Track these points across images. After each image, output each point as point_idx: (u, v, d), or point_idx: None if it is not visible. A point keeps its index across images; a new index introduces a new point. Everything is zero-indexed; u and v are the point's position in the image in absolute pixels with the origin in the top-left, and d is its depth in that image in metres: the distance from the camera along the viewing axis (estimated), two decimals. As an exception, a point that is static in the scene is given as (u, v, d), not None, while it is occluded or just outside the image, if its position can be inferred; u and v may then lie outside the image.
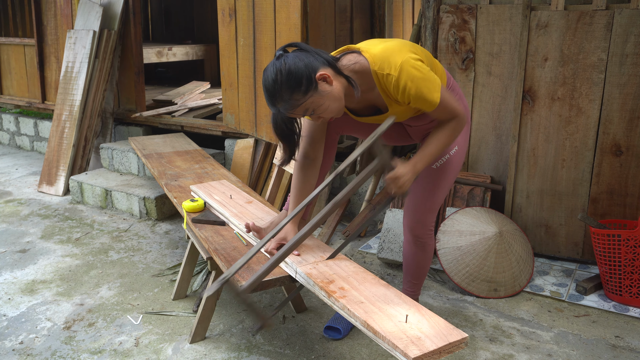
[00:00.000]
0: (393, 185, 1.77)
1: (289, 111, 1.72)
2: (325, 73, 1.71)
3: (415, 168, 1.80)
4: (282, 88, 1.68)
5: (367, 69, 1.79)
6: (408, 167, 1.78)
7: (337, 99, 1.75)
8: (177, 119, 4.56)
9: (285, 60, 1.69)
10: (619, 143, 2.81)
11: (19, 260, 3.10)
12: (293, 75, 1.67)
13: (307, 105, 1.71)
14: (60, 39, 5.08)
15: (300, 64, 1.68)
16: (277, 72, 1.68)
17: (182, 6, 7.59)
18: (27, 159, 5.36)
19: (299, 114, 1.74)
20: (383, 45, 1.80)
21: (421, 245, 2.18)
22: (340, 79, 1.77)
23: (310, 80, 1.68)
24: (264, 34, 3.53)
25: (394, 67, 1.73)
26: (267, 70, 1.71)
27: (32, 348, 2.28)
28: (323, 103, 1.73)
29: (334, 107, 1.76)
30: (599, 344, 2.29)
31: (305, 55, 1.71)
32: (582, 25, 2.78)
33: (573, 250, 3.01)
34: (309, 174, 2.05)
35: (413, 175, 1.80)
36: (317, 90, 1.70)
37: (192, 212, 2.44)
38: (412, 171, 1.79)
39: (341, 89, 1.77)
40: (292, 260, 1.85)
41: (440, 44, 3.19)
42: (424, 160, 1.82)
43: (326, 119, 1.82)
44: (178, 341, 2.32)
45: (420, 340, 1.40)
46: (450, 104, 1.81)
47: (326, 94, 1.72)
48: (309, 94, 1.69)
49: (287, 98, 1.69)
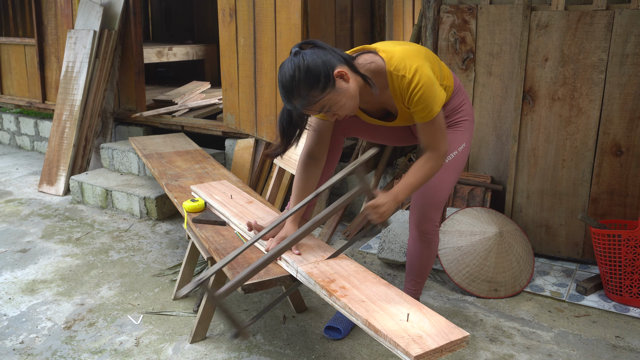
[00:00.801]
0: (374, 213, 1.79)
1: (305, 108, 1.72)
2: (343, 70, 1.71)
3: (397, 198, 1.83)
4: (300, 84, 1.67)
5: (383, 69, 1.81)
6: (389, 197, 1.81)
7: (353, 97, 1.76)
8: (178, 119, 4.57)
9: (303, 57, 1.68)
10: (619, 143, 2.81)
11: (20, 260, 3.10)
12: (311, 72, 1.67)
13: (324, 102, 1.72)
14: (60, 38, 5.08)
15: (319, 60, 1.68)
16: (295, 68, 1.67)
17: (183, 6, 7.59)
18: (28, 158, 5.36)
19: (315, 111, 1.74)
20: (401, 47, 1.83)
21: (427, 242, 2.19)
22: (356, 77, 1.78)
23: (328, 77, 1.68)
24: (265, 34, 3.53)
25: (409, 70, 1.76)
26: (284, 66, 1.71)
27: (33, 348, 2.28)
28: (339, 100, 1.73)
29: (350, 105, 1.77)
30: (599, 344, 2.30)
31: (322, 53, 1.72)
32: (582, 26, 2.78)
33: (573, 251, 3.01)
34: (311, 173, 2.06)
35: (395, 205, 1.82)
36: (335, 87, 1.70)
37: (192, 212, 2.44)
38: (394, 201, 1.82)
39: (357, 87, 1.78)
40: (293, 260, 1.85)
41: (440, 44, 3.19)
42: (404, 191, 1.85)
43: (341, 117, 1.82)
44: (178, 341, 2.32)
45: (421, 338, 1.41)
46: (441, 130, 1.85)
47: (343, 92, 1.73)
48: (326, 91, 1.69)
49: (304, 94, 1.69)
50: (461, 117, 2.07)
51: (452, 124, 2.06)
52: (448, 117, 2.05)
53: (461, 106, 2.07)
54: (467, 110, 2.08)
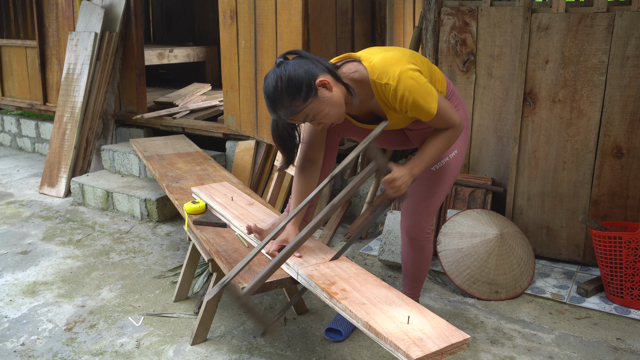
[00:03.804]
0: (390, 187, 1.80)
1: (289, 117, 1.74)
2: (325, 79, 1.73)
3: (412, 171, 1.83)
4: (282, 95, 1.70)
5: (366, 78, 1.81)
6: (405, 170, 1.81)
7: (337, 105, 1.77)
8: (178, 121, 4.57)
9: (285, 68, 1.71)
10: (620, 145, 2.81)
11: (21, 262, 3.11)
12: (293, 82, 1.69)
13: (307, 112, 1.73)
14: (61, 40, 5.09)
15: (300, 70, 1.70)
16: (277, 79, 1.70)
17: (184, 8, 7.60)
18: (29, 160, 5.37)
19: (300, 120, 1.76)
20: (382, 54, 1.82)
21: (418, 249, 2.19)
22: (340, 86, 1.79)
23: (310, 86, 1.70)
24: (265, 36, 3.53)
25: (392, 77, 1.76)
26: (268, 77, 1.74)
27: (34, 349, 2.28)
28: (323, 109, 1.74)
29: (334, 113, 1.78)
30: (600, 346, 2.29)
31: (305, 62, 1.74)
32: (583, 28, 2.79)
33: (574, 253, 3.01)
34: (309, 176, 2.06)
35: (410, 178, 1.82)
36: (317, 96, 1.72)
37: (193, 214, 2.44)
38: (409, 174, 1.82)
39: (341, 95, 1.79)
40: (293, 262, 1.85)
41: (441, 46, 3.19)
42: (420, 164, 1.85)
43: (327, 125, 1.83)
44: (179, 343, 2.32)
45: (422, 341, 1.41)
46: (448, 114, 1.84)
47: (326, 100, 1.74)
48: (309, 101, 1.71)
49: (287, 104, 1.71)
50: None
51: None
52: None
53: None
54: (460, 115, 2.07)
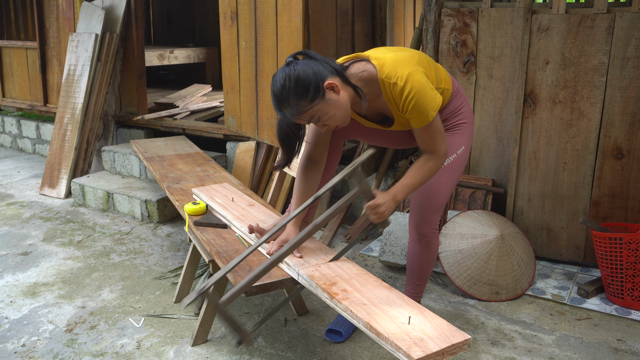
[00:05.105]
0: (373, 213, 1.81)
1: (295, 117, 1.75)
2: (333, 82, 1.74)
3: (396, 197, 1.84)
4: (289, 94, 1.71)
5: (375, 76, 1.83)
6: (388, 197, 1.82)
7: (343, 108, 1.78)
8: (179, 122, 4.57)
9: (294, 67, 1.72)
10: (620, 146, 2.82)
11: (21, 263, 3.11)
12: (301, 82, 1.70)
13: (313, 113, 1.74)
14: (62, 42, 5.09)
15: (309, 71, 1.72)
16: (285, 77, 1.71)
17: (184, 9, 7.61)
18: (29, 161, 5.37)
19: (305, 120, 1.77)
20: (392, 54, 1.84)
21: (426, 245, 2.19)
22: (347, 88, 1.81)
23: (317, 88, 1.71)
24: (266, 37, 3.54)
25: (400, 77, 1.77)
26: (276, 75, 1.75)
27: (34, 351, 2.28)
28: (329, 111, 1.76)
29: (340, 116, 1.79)
30: (601, 348, 2.29)
31: (314, 64, 1.75)
32: (583, 29, 2.79)
33: (574, 253, 3.01)
34: (311, 176, 2.06)
35: (394, 205, 1.84)
36: (324, 98, 1.73)
37: (194, 215, 2.44)
38: (393, 200, 1.83)
39: (348, 98, 1.80)
40: (294, 263, 1.85)
41: (441, 47, 3.19)
42: (403, 190, 1.86)
43: (331, 127, 1.84)
44: (180, 344, 2.32)
45: (423, 341, 1.41)
46: (439, 134, 1.86)
47: (333, 103, 1.75)
48: (315, 102, 1.72)
49: (293, 104, 1.72)
50: (460, 119, 2.07)
51: (451, 127, 2.06)
52: (447, 120, 2.05)
53: (460, 109, 2.07)
54: (466, 112, 2.09)
